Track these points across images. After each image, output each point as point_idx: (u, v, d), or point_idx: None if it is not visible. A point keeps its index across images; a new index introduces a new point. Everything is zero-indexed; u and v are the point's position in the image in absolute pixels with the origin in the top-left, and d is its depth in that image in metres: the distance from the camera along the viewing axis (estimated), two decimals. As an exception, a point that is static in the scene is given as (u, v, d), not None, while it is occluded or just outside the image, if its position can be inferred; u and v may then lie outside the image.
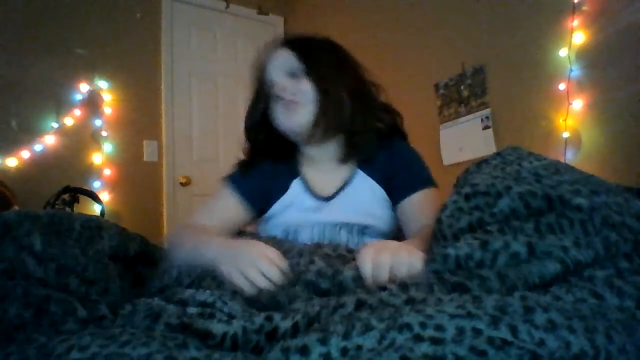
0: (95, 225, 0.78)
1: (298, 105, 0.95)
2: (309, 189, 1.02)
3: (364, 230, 0.99)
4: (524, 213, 0.58)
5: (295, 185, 1.02)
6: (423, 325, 0.40)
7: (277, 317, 0.50)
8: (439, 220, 0.64)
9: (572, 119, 1.83)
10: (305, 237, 0.98)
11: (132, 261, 0.86)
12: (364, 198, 1.00)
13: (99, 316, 0.60)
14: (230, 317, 0.55)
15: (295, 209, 1.00)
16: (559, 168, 0.67)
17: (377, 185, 1.01)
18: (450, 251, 0.55)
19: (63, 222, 0.73)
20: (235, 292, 0.64)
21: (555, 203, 0.57)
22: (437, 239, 0.64)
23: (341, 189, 1.01)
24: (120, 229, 0.85)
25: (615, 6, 1.71)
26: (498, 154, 0.73)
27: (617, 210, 0.56)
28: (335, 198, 1.01)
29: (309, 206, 1.00)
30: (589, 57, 1.78)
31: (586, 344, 0.40)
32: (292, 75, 0.96)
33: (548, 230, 0.54)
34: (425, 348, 0.39)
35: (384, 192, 1.00)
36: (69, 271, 0.62)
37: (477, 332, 0.40)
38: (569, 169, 0.68)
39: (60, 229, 0.71)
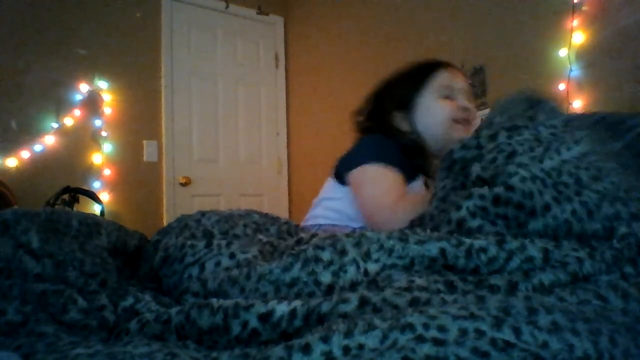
0: (93, 222, 0.77)
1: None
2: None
3: None
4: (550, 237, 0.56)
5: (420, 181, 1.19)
6: (426, 326, 0.40)
7: (273, 301, 0.50)
8: (458, 207, 0.60)
9: (572, 120, 1.82)
10: None
11: (132, 258, 0.85)
12: None
13: (99, 306, 0.59)
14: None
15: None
16: (600, 168, 0.60)
17: None
18: (467, 239, 0.54)
19: (61, 220, 0.72)
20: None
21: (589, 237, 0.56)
22: (444, 221, 0.62)
23: None
24: (118, 226, 0.84)
25: (615, 6, 1.71)
26: (531, 118, 0.67)
27: None
28: None
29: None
30: (589, 57, 1.78)
31: (590, 347, 0.40)
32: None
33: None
34: (427, 349, 0.38)
35: None
36: (67, 265, 0.62)
37: (480, 333, 0.39)
38: (607, 168, 0.61)
39: (58, 227, 0.70)
